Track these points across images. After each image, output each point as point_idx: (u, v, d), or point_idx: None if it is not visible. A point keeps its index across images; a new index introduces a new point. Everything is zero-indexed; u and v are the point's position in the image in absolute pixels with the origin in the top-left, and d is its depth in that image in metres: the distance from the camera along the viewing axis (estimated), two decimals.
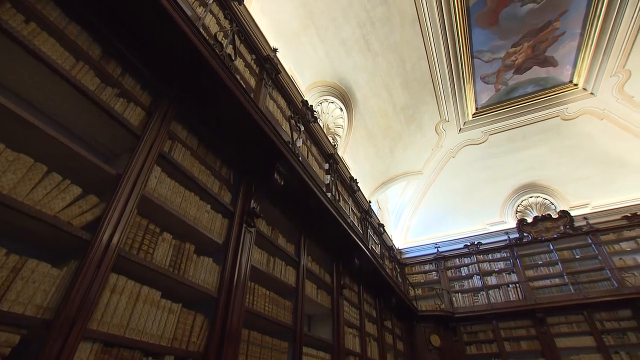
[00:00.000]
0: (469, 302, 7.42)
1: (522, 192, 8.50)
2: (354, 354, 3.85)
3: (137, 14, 1.64)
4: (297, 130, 3.57)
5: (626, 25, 5.74)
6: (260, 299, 2.34)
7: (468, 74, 6.48)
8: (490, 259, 7.76)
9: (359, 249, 3.92)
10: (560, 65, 6.62)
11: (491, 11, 5.59)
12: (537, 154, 8.05)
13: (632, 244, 6.89)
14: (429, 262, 8.20)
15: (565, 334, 6.44)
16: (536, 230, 7.63)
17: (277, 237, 2.83)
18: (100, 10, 1.58)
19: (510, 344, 6.69)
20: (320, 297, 3.36)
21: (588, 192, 7.90)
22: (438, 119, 7.31)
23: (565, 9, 5.66)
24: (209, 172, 2.15)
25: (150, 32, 1.70)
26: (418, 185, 8.48)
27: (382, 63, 5.92)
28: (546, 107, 7.35)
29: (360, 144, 6.79)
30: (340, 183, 4.79)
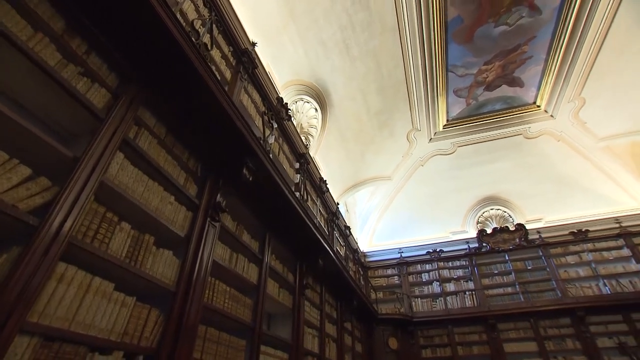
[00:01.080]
0: (428, 307, 7.67)
1: (484, 204, 8.90)
2: (313, 354, 3.85)
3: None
4: (269, 127, 3.54)
5: (584, 57, 6.17)
6: (220, 295, 2.29)
7: (442, 86, 6.70)
8: (450, 266, 8.07)
9: (323, 250, 3.94)
10: (526, 86, 6.99)
11: (467, 29, 5.81)
12: (500, 168, 8.45)
13: (576, 257, 7.43)
14: (392, 266, 8.40)
15: (513, 339, 6.84)
16: (494, 241, 8.02)
17: (241, 234, 2.79)
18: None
19: (463, 348, 6.99)
20: (282, 296, 3.34)
21: (542, 208, 8.40)
22: (410, 127, 7.50)
23: (533, 35, 5.99)
24: (175, 162, 2.08)
25: (122, 11, 1.62)
26: (386, 190, 8.65)
27: (359, 67, 6.00)
28: (511, 125, 7.73)
29: (333, 146, 6.84)
30: (309, 183, 4.79)
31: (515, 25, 5.82)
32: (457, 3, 5.42)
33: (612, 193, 8.02)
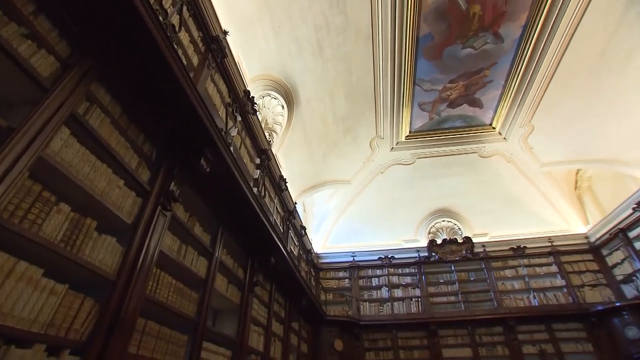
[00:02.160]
0: (375, 311, 7.88)
1: (437, 216, 9.30)
2: (257, 352, 3.81)
3: None
4: (233, 119, 3.45)
5: (536, 88, 6.68)
6: (165, 288, 2.19)
7: (408, 98, 6.92)
8: (400, 273, 8.36)
9: (277, 249, 3.91)
10: (485, 108, 7.42)
11: (437, 46, 6.06)
12: (455, 183, 8.88)
13: (513, 271, 8.03)
14: (344, 269, 8.53)
15: (451, 345, 7.22)
16: (443, 252, 8.42)
17: (193, 225, 2.69)
18: None
19: (405, 352, 7.26)
20: (230, 292, 3.27)
21: (489, 223, 8.94)
22: (374, 134, 7.67)
23: (495, 61, 6.38)
24: (129, 145, 1.96)
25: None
26: (345, 194, 8.77)
27: (330, 70, 6.04)
28: (468, 143, 8.16)
29: (296, 145, 6.82)
30: (269, 180, 4.74)
31: (480, 49, 6.15)
32: (430, 21, 5.62)
33: (549, 215, 8.73)
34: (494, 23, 5.73)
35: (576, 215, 8.49)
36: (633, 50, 5.69)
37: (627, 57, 5.80)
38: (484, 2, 5.45)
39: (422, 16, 5.53)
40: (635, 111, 6.37)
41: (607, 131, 6.93)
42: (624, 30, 5.49)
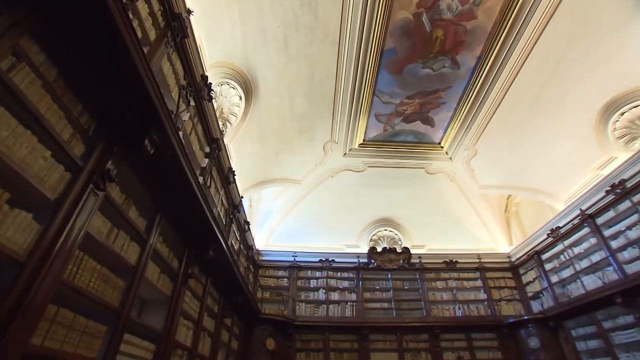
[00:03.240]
0: (310, 312, 7.94)
1: (380, 224, 9.63)
2: (184, 347, 3.65)
3: None
4: (186, 102, 3.29)
5: (483, 115, 7.21)
6: (87, 273, 2.02)
7: (366, 107, 7.09)
8: (338, 276, 8.52)
9: (217, 241, 3.79)
10: (436, 127, 7.83)
11: (399, 62, 6.28)
12: (400, 194, 9.26)
13: (444, 283, 8.58)
14: (284, 268, 8.49)
15: (379, 349, 7.50)
16: (382, 260, 8.73)
17: (129, 209, 2.51)
18: None
19: (335, 354, 7.40)
20: (162, 282, 3.10)
21: (427, 236, 9.45)
22: (328, 138, 7.75)
23: (450, 85, 6.77)
24: (62, 114, 1.78)
25: None
26: (293, 194, 8.75)
27: (293, 68, 6.00)
28: (417, 158, 8.56)
29: (249, 138, 6.68)
30: (217, 170, 4.60)
31: (438, 72, 6.49)
32: (396, 36, 5.82)
33: (480, 233, 9.47)
34: (453, 50, 6.08)
35: (503, 236, 9.29)
36: (564, 96, 6.38)
37: (558, 101, 6.50)
38: (447, 29, 5.77)
39: (389, 31, 5.71)
40: (557, 150, 7.15)
41: (535, 164, 7.69)
42: (558, 76, 6.15)
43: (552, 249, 7.55)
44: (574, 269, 6.87)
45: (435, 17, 5.59)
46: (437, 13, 5.53)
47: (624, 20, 5.21)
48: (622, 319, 5.71)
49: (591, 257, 6.48)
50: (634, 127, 6.05)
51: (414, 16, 5.54)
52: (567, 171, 7.32)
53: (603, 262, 6.15)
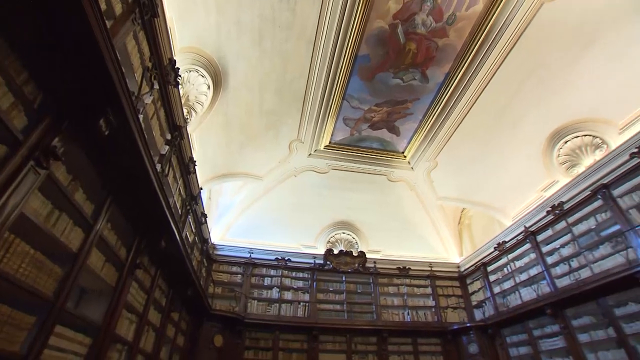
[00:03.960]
0: (262, 311, 7.84)
1: (338, 227, 9.74)
2: (124, 342, 3.46)
3: None
4: (150, 85, 3.13)
5: (446, 129, 7.53)
6: (17, 258, 1.84)
7: (334, 110, 7.15)
8: (293, 276, 8.50)
9: (170, 232, 3.64)
10: (401, 136, 8.06)
11: (371, 69, 6.39)
12: (361, 199, 9.42)
13: (395, 289, 8.84)
14: (239, 264, 8.33)
15: (328, 350, 7.57)
16: (337, 262, 8.82)
17: (75, 191, 2.34)
18: None
19: (284, 353, 7.36)
20: (106, 271, 2.92)
21: (384, 242, 9.69)
22: (295, 137, 7.72)
23: (418, 97, 7.00)
24: (2, 79, 1.62)
25: None
26: (254, 189, 8.61)
27: (266, 63, 5.92)
28: (380, 165, 8.76)
29: (214, 129, 6.49)
30: (177, 159, 4.42)
31: (408, 83, 6.69)
32: (371, 44, 5.92)
33: (434, 243, 9.86)
34: (424, 64, 6.29)
35: (454, 246, 9.74)
36: (520, 119, 6.83)
37: (515, 124, 6.94)
38: (420, 43, 5.95)
39: (365, 37, 5.79)
40: (510, 169, 7.63)
41: (490, 180, 8.15)
42: (516, 101, 6.56)
43: (497, 262, 8.03)
44: (514, 281, 7.36)
45: (410, 31, 5.76)
46: (412, 27, 5.70)
47: (572, 58, 5.70)
48: (549, 328, 6.26)
49: (530, 270, 6.98)
50: (574, 155, 6.58)
51: (389, 27, 5.67)
52: (516, 190, 7.82)
53: (539, 276, 6.65)
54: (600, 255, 5.49)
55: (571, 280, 5.91)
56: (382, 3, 5.33)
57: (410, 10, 5.46)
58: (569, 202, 6.23)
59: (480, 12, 5.47)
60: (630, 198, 5.15)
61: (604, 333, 5.25)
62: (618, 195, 5.33)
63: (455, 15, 5.52)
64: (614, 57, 5.46)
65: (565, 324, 5.88)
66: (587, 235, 5.83)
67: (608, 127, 6.06)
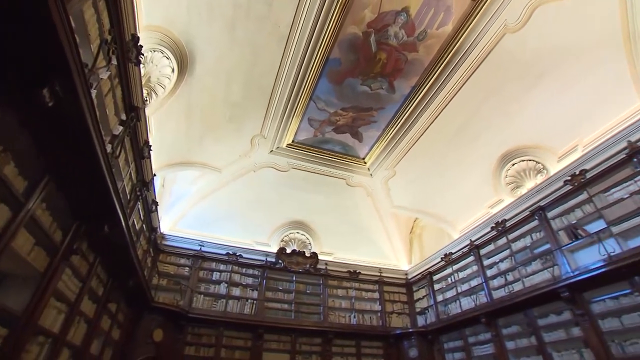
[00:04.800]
0: (208, 306, 7.60)
1: (293, 226, 9.69)
2: (49, 334, 3.17)
3: None
4: (107, 59, 2.93)
5: (407, 141, 7.79)
6: None
7: (300, 109, 7.12)
8: (243, 272, 8.32)
9: (115, 218, 3.42)
10: (364, 143, 8.21)
11: (340, 73, 6.45)
12: (318, 201, 9.46)
13: (344, 292, 8.98)
14: (188, 256, 8.00)
15: (272, 349, 7.50)
16: (289, 261, 8.78)
17: (5, 163, 2.11)
18: None
19: (226, 351, 7.17)
20: (34, 255, 2.67)
21: (337, 245, 9.79)
22: (258, 132, 7.58)
23: (383, 106, 7.17)
24: None
25: None
26: (211, 181, 8.33)
27: (236, 53, 5.77)
28: (340, 169, 8.86)
29: (175, 115, 6.22)
30: (131, 141, 4.18)
31: (375, 92, 6.83)
32: (343, 48, 5.97)
33: (386, 249, 10.15)
34: (392, 74, 6.47)
35: (404, 254, 10.10)
36: (476, 138, 7.24)
37: (471, 142, 7.35)
38: (390, 54, 6.11)
39: (338, 41, 5.84)
40: (462, 184, 8.06)
41: (443, 193, 8.55)
42: (474, 121, 6.94)
43: (442, 272, 8.44)
44: (456, 291, 7.77)
45: (382, 41, 5.89)
46: (384, 37, 5.83)
47: (525, 88, 6.17)
48: (483, 335, 6.74)
49: (471, 282, 7.42)
50: (519, 177, 7.10)
51: (363, 34, 5.76)
52: (466, 205, 8.27)
53: (478, 287, 7.08)
54: (532, 270, 5.99)
55: (505, 293, 6.37)
56: (358, 10, 5.41)
57: (384, 21, 5.59)
58: (511, 220, 6.70)
59: (449, 33, 5.74)
60: (561, 221, 5.68)
61: (527, 341, 5.78)
62: (551, 217, 5.85)
63: (426, 32, 5.74)
64: (559, 92, 5.98)
65: (496, 332, 6.34)
66: (523, 251, 6.33)
67: (549, 154, 6.60)
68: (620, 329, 4.48)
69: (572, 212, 5.55)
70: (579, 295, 5.02)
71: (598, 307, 4.79)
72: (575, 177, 5.55)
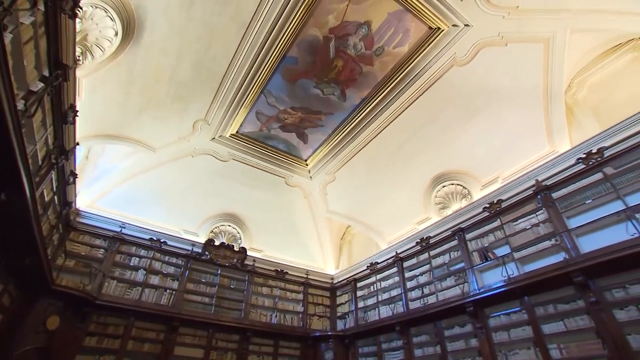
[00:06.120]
0: (120, 293, 6.96)
1: (225, 218, 9.36)
2: None
3: None
4: (32, 2, 2.57)
5: (350, 149, 8.04)
6: None
7: (250, 101, 6.93)
8: (166, 260, 7.79)
9: (18, 185, 2.99)
10: (308, 145, 8.25)
11: (296, 72, 6.42)
12: (255, 196, 9.28)
13: (269, 290, 8.89)
14: (105, 237, 7.27)
15: (186, 344, 7.10)
16: (216, 254, 8.45)
17: None
18: None
19: (134, 343, 6.60)
20: None
21: (268, 242, 9.66)
22: (202, 116, 7.21)
23: (332, 112, 7.29)
24: None
25: None
26: (144, 160, 7.70)
27: (191, 31, 5.45)
28: (281, 167, 8.80)
29: (112, 83, 5.69)
30: (52, 102, 3.73)
31: (326, 97, 6.92)
32: (302, 48, 5.96)
33: (315, 252, 10.29)
34: (345, 83, 6.61)
35: (333, 259, 10.32)
36: (414, 157, 7.69)
37: (409, 159, 7.80)
38: (347, 62, 6.24)
39: (298, 40, 5.82)
40: (396, 198, 8.50)
41: (377, 205, 8.92)
42: (414, 140, 7.38)
43: (367, 280, 8.76)
44: (377, 299, 8.13)
45: (341, 48, 6.00)
46: (343, 45, 5.95)
47: (463, 118, 6.76)
48: (395, 342, 7.16)
49: (391, 291, 7.81)
50: (447, 199, 7.68)
51: (323, 38, 5.82)
52: (397, 218, 8.72)
53: (397, 297, 7.49)
54: (446, 285, 6.51)
55: (420, 304, 6.85)
56: (323, 14, 5.45)
57: (346, 30, 5.70)
58: (435, 237, 7.20)
59: (404, 54, 6.03)
60: (476, 243, 6.28)
61: (433, 349, 6.32)
62: (469, 239, 6.42)
63: (383, 48, 5.97)
64: (489, 128, 6.64)
65: (408, 340, 6.76)
66: (441, 267, 6.84)
67: (475, 182, 7.24)
68: (507, 341, 5.17)
69: (486, 236, 6.15)
70: (481, 310, 5.59)
71: (494, 322, 5.44)
72: (492, 206, 6.15)
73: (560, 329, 4.59)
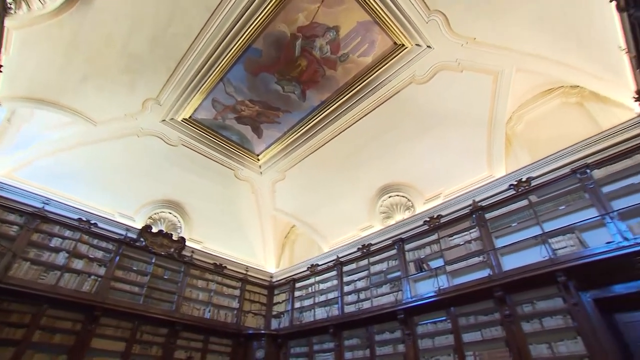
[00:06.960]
0: (33, 276, 6.17)
1: (166, 205, 8.84)
2: None
3: None
4: None
5: (304, 150, 8.03)
6: None
7: (207, 87, 6.62)
8: (94, 244, 7.12)
9: None
10: (262, 140, 8.10)
11: (258, 65, 6.28)
12: (201, 185, 8.89)
13: (205, 284, 8.57)
14: (22, 213, 6.43)
15: (107, 335, 6.54)
16: (152, 242, 7.96)
17: None
18: None
19: (42, 333, 5.84)
20: None
21: (209, 234, 9.32)
22: (153, 95, 6.70)
23: (290, 110, 7.24)
24: None
25: None
26: (82, 133, 6.98)
27: (150, 4, 5.07)
28: (232, 159, 8.50)
29: (51, 42, 5.11)
30: None
31: (286, 94, 6.86)
32: (267, 41, 5.84)
33: (257, 249, 10.16)
34: (307, 83, 6.62)
35: (274, 257, 10.26)
36: (366, 164, 7.93)
37: (360, 166, 8.02)
38: (311, 63, 6.25)
39: (264, 33, 5.71)
40: (344, 203, 8.71)
41: (324, 208, 9.05)
42: (367, 149, 7.60)
43: (305, 281, 8.83)
44: (314, 301, 8.22)
45: (307, 48, 6.00)
46: (310, 46, 5.95)
47: (414, 134, 7.14)
48: (327, 344, 7.31)
49: (329, 294, 7.95)
50: (391, 209, 8.03)
51: (291, 36, 5.77)
52: (341, 223, 8.91)
53: (334, 300, 7.64)
54: (381, 292, 6.80)
55: (355, 308, 7.07)
56: (294, 11, 5.41)
57: (314, 31, 5.71)
58: (376, 245, 7.47)
59: (367, 64, 6.19)
60: (413, 254, 6.66)
61: (362, 353, 6.58)
62: (407, 249, 6.78)
63: (348, 55, 6.07)
64: (437, 146, 7.07)
65: (339, 342, 6.94)
66: (378, 275, 7.12)
67: (419, 195, 7.65)
68: (431, 347, 5.57)
69: (423, 248, 6.53)
70: (410, 318, 5.93)
71: (421, 329, 5.81)
72: (432, 220, 6.54)
73: (477, 338, 5.05)
